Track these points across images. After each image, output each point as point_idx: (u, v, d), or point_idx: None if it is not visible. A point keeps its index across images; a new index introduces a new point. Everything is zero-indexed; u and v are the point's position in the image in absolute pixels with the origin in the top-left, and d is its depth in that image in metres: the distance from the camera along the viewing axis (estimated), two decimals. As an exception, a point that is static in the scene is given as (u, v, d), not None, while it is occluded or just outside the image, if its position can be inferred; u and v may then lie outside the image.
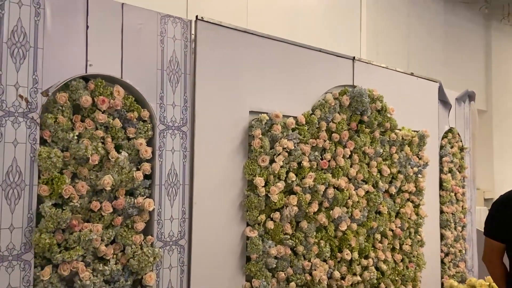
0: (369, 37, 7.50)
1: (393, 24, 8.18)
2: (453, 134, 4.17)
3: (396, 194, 3.34)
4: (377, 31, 7.71)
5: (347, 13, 7.26)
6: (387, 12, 8.09)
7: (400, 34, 8.30)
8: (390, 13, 8.16)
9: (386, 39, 7.93)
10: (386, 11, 8.08)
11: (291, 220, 2.66)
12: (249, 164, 2.48)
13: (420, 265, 3.46)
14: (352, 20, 7.30)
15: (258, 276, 2.48)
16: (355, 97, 2.97)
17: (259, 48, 2.63)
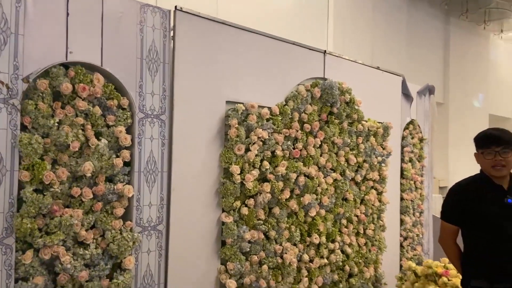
0: (336, 31, 7.67)
1: (358, 19, 8.41)
2: (414, 126, 4.42)
3: (361, 182, 3.53)
4: (343, 25, 7.91)
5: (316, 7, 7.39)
6: (353, 7, 8.29)
7: (365, 28, 8.54)
8: (356, 8, 8.37)
9: (352, 33, 8.15)
10: (352, 5, 8.28)
11: (265, 206, 2.78)
12: (225, 153, 2.57)
13: (381, 248, 3.69)
14: (320, 14, 7.44)
15: (233, 259, 2.58)
16: (326, 89, 3.11)
17: (236, 39, 2.70)
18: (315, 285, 3.08)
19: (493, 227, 2.09)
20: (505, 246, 2.07)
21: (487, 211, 2.10)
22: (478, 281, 2.10)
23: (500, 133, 2.16)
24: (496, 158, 2.10)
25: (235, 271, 2.57)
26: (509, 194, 2.10)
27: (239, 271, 2.59)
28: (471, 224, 2.16)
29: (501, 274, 2.06)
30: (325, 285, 3.16)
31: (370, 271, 3.55)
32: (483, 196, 2.14)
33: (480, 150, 2.17)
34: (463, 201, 2.18)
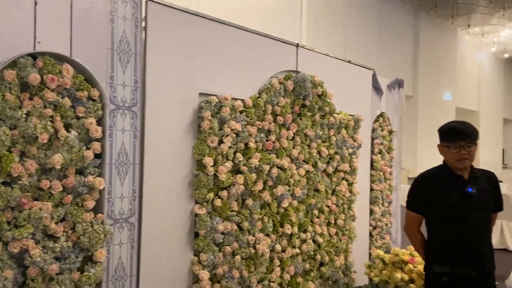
0: (310, 25, 7.73)
1: (331, 13, 8.49)
2: (383, 118, 4.53)
3: (332, 173, 3.61)
4: (317, 20, 7.97)
5: (289, 1, 7.40)
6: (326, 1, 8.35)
7: (338, 23, 8.64)
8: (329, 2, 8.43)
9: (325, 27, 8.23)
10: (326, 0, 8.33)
11: (238, 198, 2.80)
12: (198, 145, 2.58)
13: (351, 238, 3.79)
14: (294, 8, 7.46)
15: (206, 250, 2.61)
16: (299, 82, 3.15)
17: (209, 31, 2.70)
18: (287, 274, 3.14)
19: (455, 216, 2.19)
20: (466, 233, 2.18)
21: (449, 200, 2.20)
22: (439, 266, 2.21)
23: (465, 127, 2.25)
24: (461, 152, 2.18)
25: (208, 262, 2.60)
26: (469, 184, 2.20)
27: (212, 262, 2.62)
28: (434, 212, 2.26)
29: (461, 260, 2.17)
30: (297, 274, 3.23)
31: (341, 259, 3.65)
32: (445, 186, 2.23)
33: (446, 143, 2.24)
34: (427, 191, 2.27)
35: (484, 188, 2.24)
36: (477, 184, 2.22)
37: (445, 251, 2.22)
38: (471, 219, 2.18)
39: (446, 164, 2.29)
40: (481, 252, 2.20)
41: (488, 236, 2.26)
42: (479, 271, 2.16)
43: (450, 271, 2.17)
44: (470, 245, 2.17)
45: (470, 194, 2.18)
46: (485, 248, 2.22)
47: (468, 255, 2.17)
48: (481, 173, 2.30)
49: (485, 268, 2.19)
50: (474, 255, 2.17)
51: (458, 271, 2.15)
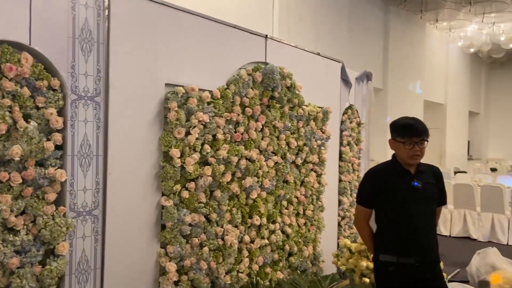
0: (282, 16, 7.73)
1: (303, 5, 8.52)
2: (352, 111, 4.60)
3: (301, 165, 3.65)
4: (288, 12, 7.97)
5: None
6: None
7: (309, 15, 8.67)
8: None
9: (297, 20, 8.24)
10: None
11: (206, 189, 2.79)
12: (164, 136, 2.55)
13: (320, 228, 3.85)
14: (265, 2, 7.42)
15: (173, 242, 2.59)
16: (267, 74, 3.15)
17: (175, 21, 2.66)
18: (256, 264, 3.17)
19: (401, 208, 2.26)
20: (411, 225, 2.25)
21: (396, 194, 2.27)
22: (386, 255, 2.28)
23: (419, 124, 2.30)
24: (415, 149, 2.24)
25: (175, 254, 2.58)
26: (415, 179, 2.27)
27: (179, 253, 2.60)
28: (383, 206, 2.32)
29: (406, 249, 2.24)
30: (266, 264, 3.26)
31: (309, 249, 3.70)
32: (393, 180, 2.30)
33: (401, 139, 2.27)
34: (376, 186, 2.33)
35: (429, 182, 2.32)
36: (423, 178, 2.29)
37: (392, 241, 2.29)
38: (416, 212, 2.25)
39: (395, 159, 2.34)
40: (426, 244, 2.27)
41: (432, 228, 2.34)
42: (423, 261, 2.23)
43: (396, 260, 2.24)
44: (415, 237, 2.25)
45: (416, 188, 2.25)
46: (429, 240, 2.30)
47: (413, 246, 2.24)
48: (426, 167, 2.37)
49: (429, 259, 2.27)
50: (419, 246, 2.25)
51: (403, 260, 2.22)
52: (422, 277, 2.25)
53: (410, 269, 2.23)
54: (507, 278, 3.78)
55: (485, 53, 16.46)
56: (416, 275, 2.23)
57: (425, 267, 2.25)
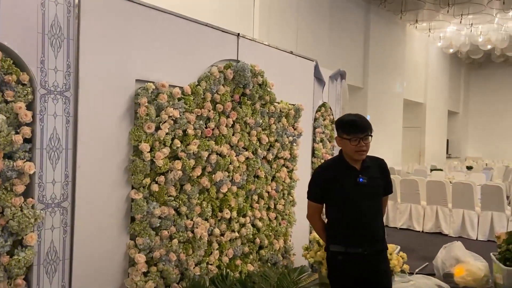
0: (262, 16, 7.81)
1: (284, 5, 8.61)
2: (325, 108, 4.72)
3: (273, 160, 3.75)
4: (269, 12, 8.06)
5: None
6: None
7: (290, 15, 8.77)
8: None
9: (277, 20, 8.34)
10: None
11: (176, 183, 2.87)
12: (134, 131, 2.61)
13: (291, 222, 3.96)
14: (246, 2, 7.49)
15: (142, 234, 2.66)
16: (239, 71, 3.23)
17: (147, 18, 2.72)
18: (226, 257, 3.26)
19: (348, 202, 2.38)
20: (358, 217, 2.37)
21: (343, 190, 2.38)
22: (336, 246, 2.40)
23: (363, 120, 2.41)
24: (360, 144, 2.34)
25: (145, 245, 2.65)
26: (361, 174, 2.38)
27: (149, 245, 2.68)
28: (331, 200, 2.44)
29: (354, 240, 2.36)
30: (236, 257, 3.36)
31: (280, 243, 3.81)
32: (340, 176, 2.40)
33: (347, 136, 2.37)
34: (324, 182, 2.44)
35: (375, 176, 2.43)
36: (368, 173, 2.40)
37: (341, 233, 2.41)
38: (363, 206, 2.37)
39: (341, 155, 2.45)
40: (373, 234, 2.40)
41: (379, 219, 2.47)
42: (371, 250, 2.36)
43: (344, 249, 2.36)
44: (362, 228, 2.37)
45: (361, 183, 2.36)
46: (376, 230, 2.42)
47: (361, 237, 2.36)
48: (372, 161, 2.48)
49: (376, 248, 2.40)
50: (366, 237, 2.37)
51: (351, 250, 2.35)
52: (368, 263, 2.38)
53: (357, 257, 2.36)
54: (470, 271, 3.96)
55: (464, 53, 16.83)
56: (363, 262, 2.36)
57: (371, 255, 2.38)
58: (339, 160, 2.46)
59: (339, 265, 2.42)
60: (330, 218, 2.50)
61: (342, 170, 2.41)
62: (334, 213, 2.45)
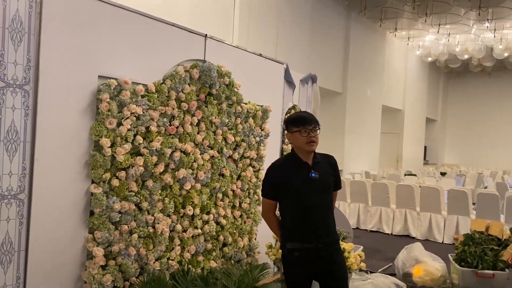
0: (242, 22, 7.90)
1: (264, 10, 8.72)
2: (295, 111, 4.81)
3: (239, 160, 3.82)
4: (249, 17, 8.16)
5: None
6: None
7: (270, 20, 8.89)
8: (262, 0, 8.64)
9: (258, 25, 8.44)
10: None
11: (137, 179, 2.92)
12: (96, 126, 2.66)
13: (256, 221, 4.04)
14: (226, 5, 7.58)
15: (101, 228, 2.70)
16: (205, 71, 3.31)
17: (112, 16, 2.77)
18: (188, 253, 3.31)
19: (302, 198, 2.45)
20: (312, 213, 2.45)
21: (296, 185, 2.45)
22: (291, 243, 2.47)
23: (310, 114, 2.54)
24: (310, 135, 2.43)
25: (103, 239, 2.70)
26: (312, 170, 2.47)
27: (107, 239, 2.72)
28: (285, 197, 2.50)
29: (309, 236, 2.44)
30: (198, 253, 3.42)
31: (244, 241, 3.88)
32: (292, 172, 2.47)
33: (296, 128, 2.46)
34: (277, 179, 2.50)
35: (326, 171, 2.52)
36: (319, 168, 2.49)
37: (295, 230, 2.48)
38: (315, 200, 2.45)
39: (294, 152, 2.54)
40: (326, 227, 2.49)
41: (330, 212, 2.55)
42: (325, 243, 2.45)
43: (300, 246, 2.44)
44: (315, 223, 2.45)
45: (313, 178, 2.45)
46: (328, 224, 2.51)
47: (315, 231, 2.44)
48: (322, 158, 2.57)
49: (329, 240, 2.49)
50: (320, 231, 2.45)
51: (307, 245, 2.43)
52: (323, 255, 2.46)
53: (313, 251, 2.44)
54: (427, 270, 4.09)
55: (442, 62, 17.23)
56: (318, 255, 2.44)
57: (326, 248, 2.47)
58: (292, 157, 2.53)
59: (296, 261, 2.49)
60: (284, 215, 2.57)
61: (295, 166, 2.48)
62: (288, 209, 2.52)
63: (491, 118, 19.83)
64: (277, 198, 2.53)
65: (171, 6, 6.42)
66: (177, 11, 6.43)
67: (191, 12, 6.85)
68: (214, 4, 7.47)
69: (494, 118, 19.76)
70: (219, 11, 7.56)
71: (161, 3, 6.17)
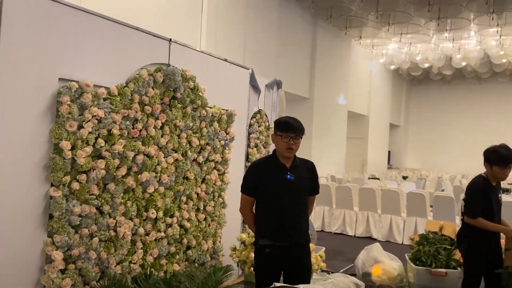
0: (210, 28, 7.96)
1: (232, 17, 8.82)
2: (261, 115, 4.90)
3: (203, 163, 3.85)
4: (217, 23, 8.23)
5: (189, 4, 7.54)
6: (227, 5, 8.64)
7: (238, 26, 8.99)
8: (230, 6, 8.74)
9: (225, 31, 8.52)
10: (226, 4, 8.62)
11: (99, 182, 2.90)
12: (55, 129, 2.63)
13: (221, 224, 4.08)
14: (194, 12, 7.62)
15: (60, 232, 2.67)
16: (169, 75, 3.33)
17: (74, 19, 2.76)
18: (151, 256, 3.31)
19: (276, 197, 2.57)
20: (285, 212, 2.57)
21: (272, 185, 2.58)
22: (264, 239, 2.58)
23: (296, 122, 2.65)
24: (290, 142, 2.58)
25: (62, 243, 2.67)
26: (289, 172, 2.59)
27: (67, 243, 2.69)
28: (261, 195, 2.63)
29: (281, 234, 2.55)
30: (161, 256, 3.42)
31: (209, 244, 3.91)
32: (271, 172, 2.61)
33: (280, 133, 2.62)
34: (256, 177, 2.63)
35: (302, 175, 2.65)
36: (296, 171, 2.62)
37: (268, 227, 2.59)
38: (289, 200, 2.57)
39: (274, 153, 2.67)
40: (297, 228, 2.61)
41: (304, 214, 2.68)
42: (296, 243, 2.56)
43: (272, 243, 2.54)
44: (288, 222, 2.57)
45: (289, 180, 2.57)
46: (301, 225, 2.63)
47: (287, 230, 2.56)
48: (302, 162, 2.71)
49: (300, 241, 2.60)
50: (292, 231, 2.57)
51: (279, 243, 2.54)
52: (293, 255, 2.57)
53: (283, 250, 2.55)
54: (385, 270, 4.26)
55: (404, 70, 17.87)
56: (288, 254, 2.55)
57: (296, 248, 2.58)
58: (272, 158, 2.67)
59: (266, 257, 2.61)
60: (258, 212, 2.68)
61: (273, 167, 2.61)
62: (263, 207, 2.64)
63: (451, 124, 20.70)
64: (254, 194, 2.64)
65: (138, 10, 6.40)
66: (144, 16, 6.41)
67: (158, 17, 6.85)
68: (182, 10, 7.49)
69: (453, 124, 20.65)
70: (187, 17, 7.59)
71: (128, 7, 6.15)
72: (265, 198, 2.61)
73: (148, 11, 6.66)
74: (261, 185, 2.60)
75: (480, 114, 19.89)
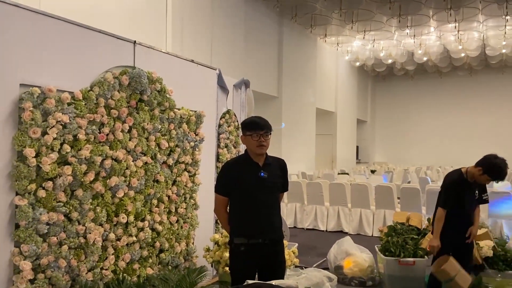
0: (175, 28, 7.89)
1: (198, 17, 8.77)
2: (230, 115, 4.92)
3: (173, 165, 3.84)
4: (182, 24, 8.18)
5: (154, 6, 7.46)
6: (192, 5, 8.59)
7: (204, 26, 8.95)
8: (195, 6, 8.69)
9: (191, 31, 8.48)
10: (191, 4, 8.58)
11: (66, 188, 2.84)
12: (18, 136, 2.57)
13: (193, 225, 4.07)
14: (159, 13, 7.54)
15: (28, 241, 2.61)
16: (134, 78, 3.30)
17: (34, 23, 2.69)
18: (123, 261, 3.27)
19: (250, 196, 2.62)
20: (259, 210, 2.61)
21: (246, 183, 2.62)
22: (238, 238, 2.61)
23: (263, 120, 2.71)
24: (260, 140, 2.62)
25: (30, 252, 2.60)
26: (262, 170, 2.64)
27: (35, 252, 2.63)
28: (235, 193, 2.66)
29: (255, 232, 2.59)
30: (133, 261, 3.38)
31: (182, 246, 3.90)
32: (244, 171, 2.65)
33: (249, 132, 2.66)
34: (229, 176, 2.67)
35: (275, 173, 2.71)
36: (269, 169, 2.67)
37: (243, 225, 2.63)
38: (263, 198, 2.62)
39: (247, 153, 2.71)
40: (271, 225, 2.66)
41: (277, 211, 2.73)
42: (270, 240, 2.61)
43: (247, 241, 2.58)
44: (262, 220, 2.61)
45: (262, 178, 2.62)
46: (274, 221, 2.68)
47: (261, 227, 2.61)
48: (273, 160, 2.76)
49: (273, 238, 2.65)
50: (266, 228, 2.62)
51: (253, 241, 2.58)
52: (267, 252, 2.62)
53: (258, 247, 2.59)
54: (356, 262, 4.37)
55: (369, 67, 18.29)
56: (263, 251, 2.60)
57: (270, 244, 2.63)
58: (244, 157, 2.71)
59: (241, 255, 2.64)
60: (232, 211, 2.71)
61: (246, 166, 2.65)
62: (237, 206, 2.68)
63: (415, 118, 21.35)
64: (228, 194, 2.66)
65: (102, 12, 6.28)
66: (109, 18, 6.30)
67: (123, 19, 6.74)
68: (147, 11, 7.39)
69: (417, 117, 21.30)
70: (152, 18, 7.50)
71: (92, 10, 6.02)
72: (239, 197, 2.65)
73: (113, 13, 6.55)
74: (235, 184, 2.63)
75: (442, 107, 20.62)
